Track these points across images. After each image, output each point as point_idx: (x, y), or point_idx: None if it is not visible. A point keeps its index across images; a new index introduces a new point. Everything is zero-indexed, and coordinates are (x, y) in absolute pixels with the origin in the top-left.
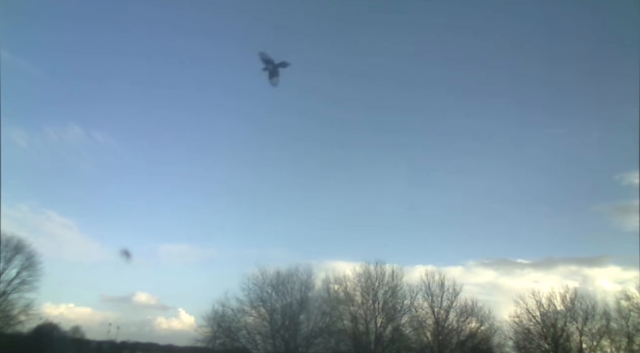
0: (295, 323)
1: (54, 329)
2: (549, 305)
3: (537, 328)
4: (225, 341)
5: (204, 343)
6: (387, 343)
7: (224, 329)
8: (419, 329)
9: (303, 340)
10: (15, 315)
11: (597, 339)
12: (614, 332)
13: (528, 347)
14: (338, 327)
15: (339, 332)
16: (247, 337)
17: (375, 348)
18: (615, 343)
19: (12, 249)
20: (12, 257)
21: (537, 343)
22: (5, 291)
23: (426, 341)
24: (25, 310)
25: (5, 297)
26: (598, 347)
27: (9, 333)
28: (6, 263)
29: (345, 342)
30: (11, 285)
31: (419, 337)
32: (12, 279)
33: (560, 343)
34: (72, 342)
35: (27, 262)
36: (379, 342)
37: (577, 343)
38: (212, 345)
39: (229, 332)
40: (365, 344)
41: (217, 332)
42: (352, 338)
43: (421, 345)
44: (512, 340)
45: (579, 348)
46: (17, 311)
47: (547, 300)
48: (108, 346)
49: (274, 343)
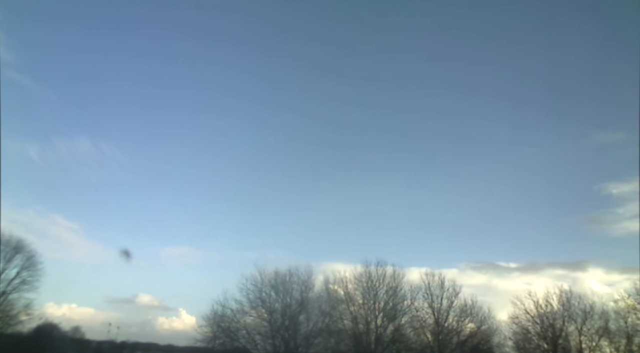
0: (295, 323)
1: (54, 329)
2: (547, 305)
3: (535, 328)
4: (225, 341)
5: (204, 343)
6: (387, 343)
7: (223, 329)
8: (419, 329)
9: (303, 340)
10: (15, 315)
11: (595, 339)
12: (612, 332)
13: (527, 347)
14: (338, 327)
15: (339, 332)
16: (246, 337)
17: (375, 348)
18: (614, 343)
19: (12, 249)
20: (12, 256)
21: (536, 343)
22: (5, 291)
23: (426, 341)
24: (25, 310)
25: (5, 297)
26: (597, 347)
27: (9, 333)
28: (6, 263)
29: (346, 342)
30: (11, 285)
31: (419, 337)
32: (12, 279)
33: (559, 343)
34: (72, 342)
35: (27, 261)
36: (379, 342)
37: (576, 343)
38: (211, 345)
39: (228, 332)
40: (365, 344)
41: (216, 332)
42: (352, 338)
43: (421, 345)
44: (512, 340)
45: (578, 348)
46: (17, 311)
47: (545, 300)
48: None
49: (274, 343)
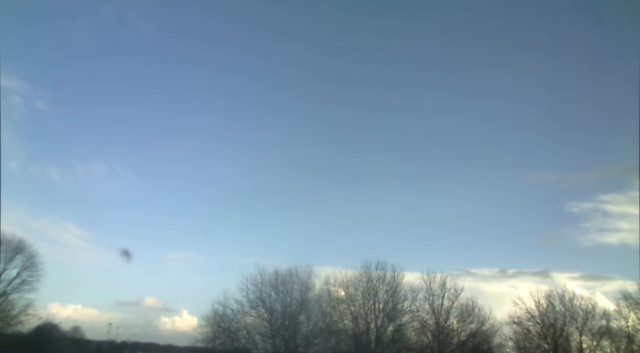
0: (295, 323)
1: (54, 329)
2: (548, 304)
3: (536, 328)
4: (225, 341)
5: (204, 343)
6: (387, 343)
7: (223, 329)
8: (420, 329)
9: (303, 340)
10: (16, 315)
11: (597, 339)
12: (613, 332)
13: (528, 347)
14: (338, 326)
15: (339, 332)
16: (246, 337)
17: (375, 348)
18: (615, 343)
19: (12, 249)
20: (13, 257)
21: (537, 343)
22: (6, 291)
23: (427, 341)
24: (25, 310)
25: (5, 297)
26: (598, 347)
27: (9, 333)
28: (7, 264)
29: (346, 342)
30: (11, 285)
31: (419, 337)
32: (12, 279)
33: (560, 343)
34: (72, 342)
35: (28, 262)
36: (380, 342)
37: (577, 343)
38: (212, 345)
39: (228, 332)
40: (365, 344)
41: (217, 332)
42: (353, 338)
43: (422, 345)
44: (512, 340)
45: (579, 348)
46: (18, 311)
47: (546, 300)
48: (108, 346)
49: (274, 343)
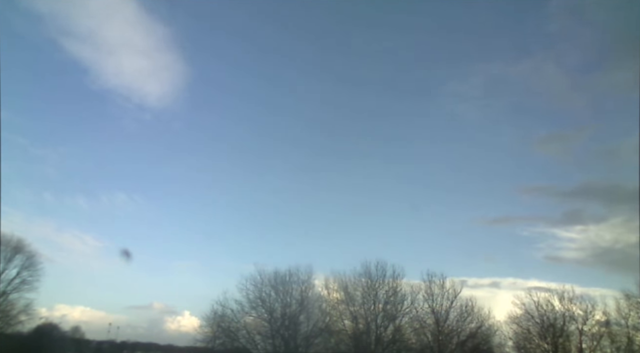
0: (295, 323)
1: (54, 329)
2: (547, 304)
3: (536, 328)
4: (225, 341)
5: (204, 343)
6: (387, 343)
7: (223, 329)
8: (419, 329)
9: (303, 340)
10: (16, 315)
11: (597, 339)
12: (614, 332)
13: (528, 347)
14: (338, 326)
15: (339, 332)
16: (246, 337)
17: (375, 348)
18: (615, 343)
19: (12, 249)
20: (12, 257)
21: (537, 343)
22: (6, 291)
23: (426, 341)
24: (25, 309)
25: (5, 297)
26: (598, 347)
27: (9, 333)
28: (6, 263)
29: (345, 342)
30: (11, 285)
31: (419, 337)
32: (12, 279)
33: (560, 343)
34: (72, 341)
35: (27, 261)
36: (379, 342)
37: (577, 343)
38: (212, 345)
39: (228, 332)
40: (365, 344)
41: (217, 332)
42: (352, 338)
43: (421, 345)
44: (512, 340)
45: (579, 348)
46: (17, 311)
47: (546, 300)
48: (108, 346)
49: (274, 343)
